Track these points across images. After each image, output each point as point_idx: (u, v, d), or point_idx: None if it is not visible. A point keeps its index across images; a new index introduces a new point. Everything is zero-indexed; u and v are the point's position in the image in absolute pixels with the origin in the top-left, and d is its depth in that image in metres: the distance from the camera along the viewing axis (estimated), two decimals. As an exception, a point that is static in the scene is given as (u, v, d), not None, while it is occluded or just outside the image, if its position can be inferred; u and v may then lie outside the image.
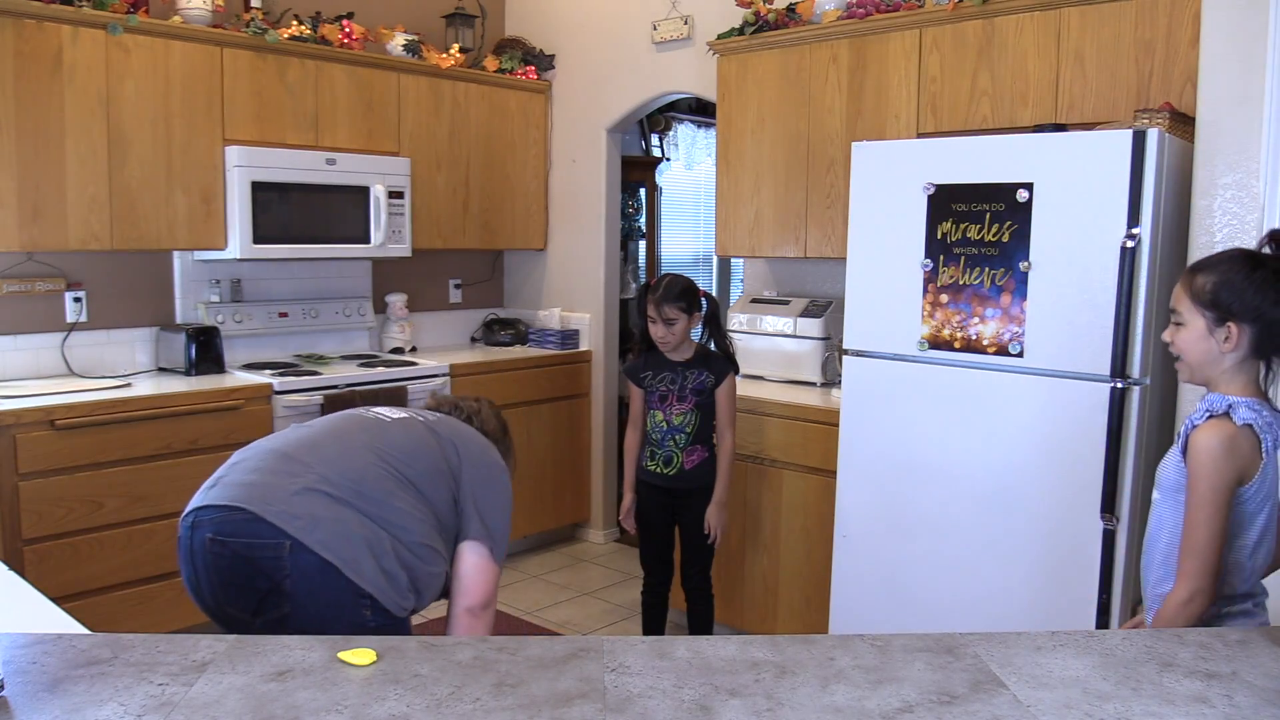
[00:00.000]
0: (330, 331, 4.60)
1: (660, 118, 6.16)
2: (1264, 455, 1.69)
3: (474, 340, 5.27)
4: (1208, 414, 1.72)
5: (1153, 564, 1.82)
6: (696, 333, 3.30)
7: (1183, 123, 2.74)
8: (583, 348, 5.07)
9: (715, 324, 3.27)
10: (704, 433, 3.24)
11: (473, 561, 2.05)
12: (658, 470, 3.26)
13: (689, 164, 6.45)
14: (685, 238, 6.58)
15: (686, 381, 3.21)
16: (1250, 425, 1.69)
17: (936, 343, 2.92)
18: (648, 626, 3.47)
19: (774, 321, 3.96)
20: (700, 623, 3.43)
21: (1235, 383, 1.74)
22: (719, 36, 4.08)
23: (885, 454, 3.05)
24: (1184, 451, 1.74)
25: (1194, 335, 1.76)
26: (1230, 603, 1.75)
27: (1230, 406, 1.71)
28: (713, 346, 3.29)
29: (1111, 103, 3.09)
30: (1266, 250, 1.75)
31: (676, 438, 3.21)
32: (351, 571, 1.84)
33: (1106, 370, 2.61)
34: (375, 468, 1.98)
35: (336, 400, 3.89)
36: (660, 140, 6.28)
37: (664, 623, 3.48)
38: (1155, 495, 1.84)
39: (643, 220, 5.97)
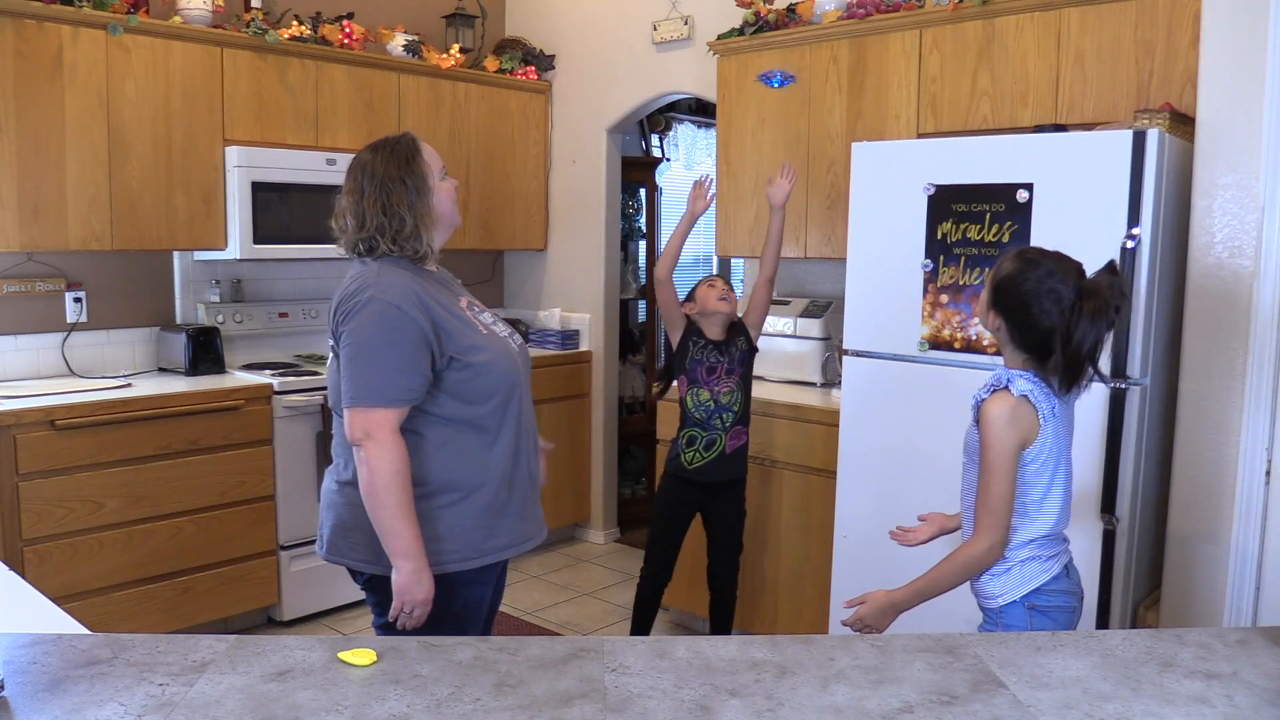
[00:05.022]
0: (330, 332, 4.60)
1: (660, 118, 6.15)
2: (1042, 421, 1.86)
3: (474, 340, 5.26)
4: (991, 387, 1.89)
5: (971, 520, 1.99)
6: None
7: (1183, 123, 2.74)
8: (583, 348, 5.07)
9: None
10: (746, 413, 3.29)
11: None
12: (696, 459, 3.23)
13: (689, 164, 6.44)
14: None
15: (734, 351, 3.26)
16: (1027, 396, 1.85)
17: (937, 343, 2.92)
18: (641, 624, 3.43)
19: (774, 321, 3.96)
20: (726, 620, 3.45)
21: (1017, 357, 1.91)
22: (719, 37, 4.08)
23: (885, 454, 3.05)
24: (977, 422, 1.90)
25: (983, 310, 1.96)
26: (1023, 547, 1.93)
27: (1010, 380, 1.87)
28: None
29: (1111, 103, 3.09)
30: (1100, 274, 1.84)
31: (724, 416, 3.22)
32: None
33: (1106, 370, 2.61)
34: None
35: (336, 400, 3.88)
36: (660, 140, 6.27)
37: (653, 621, 3.47)
38: (964, 461, 2.01)
39: (643, 220, 5.96)
